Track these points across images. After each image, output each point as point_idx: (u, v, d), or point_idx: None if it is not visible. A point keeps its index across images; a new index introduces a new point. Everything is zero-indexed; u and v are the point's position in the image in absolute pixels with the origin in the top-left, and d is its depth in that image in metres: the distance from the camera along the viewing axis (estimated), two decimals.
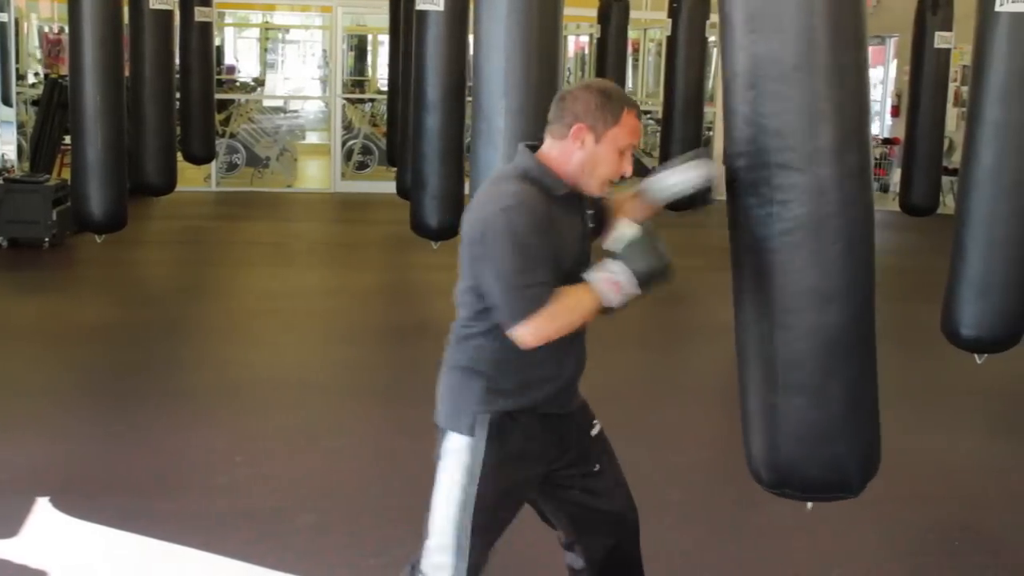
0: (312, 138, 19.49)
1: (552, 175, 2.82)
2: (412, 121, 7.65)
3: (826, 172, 3.04)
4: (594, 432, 3.11)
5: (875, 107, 17.89)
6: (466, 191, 5.85)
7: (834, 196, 3.05)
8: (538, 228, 2.71)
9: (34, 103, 13.30)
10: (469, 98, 6.78)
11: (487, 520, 2.89)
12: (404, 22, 9.63)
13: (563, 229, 2.80)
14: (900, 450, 5.72)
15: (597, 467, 3.08)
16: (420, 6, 7.11)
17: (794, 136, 3.04)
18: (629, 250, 2.78)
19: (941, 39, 10.15)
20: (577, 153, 2.80)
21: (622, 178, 2.89)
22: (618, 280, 2.75)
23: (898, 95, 15.85)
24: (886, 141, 16.20)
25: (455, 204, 7.30)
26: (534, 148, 2.90)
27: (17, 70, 13.43)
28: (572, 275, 2.79)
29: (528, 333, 2.72)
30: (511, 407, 2.87)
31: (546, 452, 2.96)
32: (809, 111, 3.04)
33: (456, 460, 2.88)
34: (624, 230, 2.81)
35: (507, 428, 2.87)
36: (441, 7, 6.94)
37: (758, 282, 3.14)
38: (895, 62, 16.66)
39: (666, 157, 10.35)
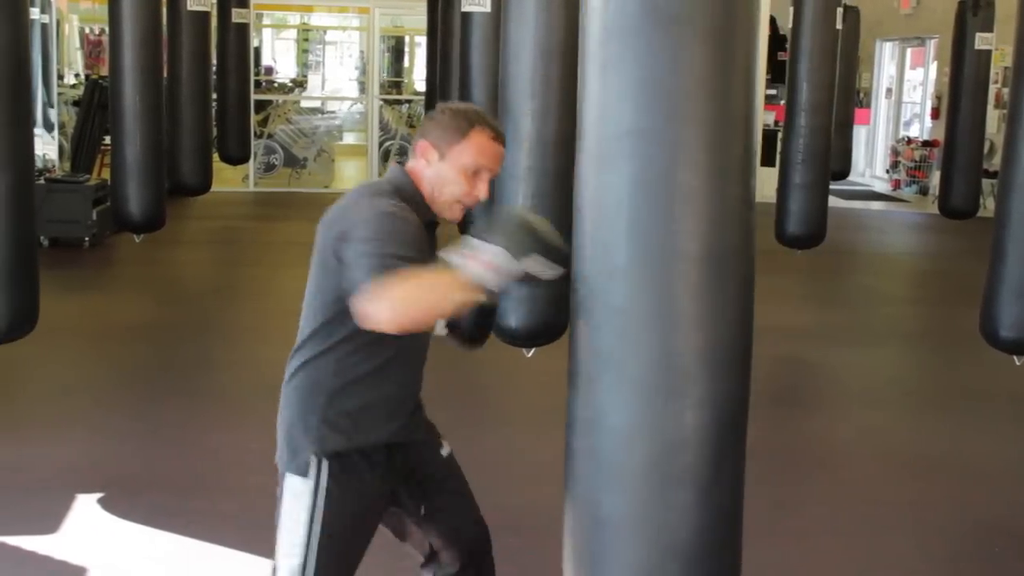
0: (349, 139, 19.55)
1: (420, 197, 2.70)
2: None
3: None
4: (444, 452, 3.02)
5: (915, 109, 17.76)
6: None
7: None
8: (413, 234, 2.57)
9: (75, 104, 13.42)
10: None
11: (335, 559, 2.77)
12: (442, 23, 9.64)
13: (427, 258, 2.53)
14: (939, 454, 5.69)
15: (443, 493, 2.98)
16: (466, 8, 7.11)
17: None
18: (495, 227, 2.48)
19: (982, 40, 10.06)
20: (426, 171, 2.70)
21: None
22: (485, 257, 2.42)
23: (938, 97, 15.72)
24: (926, 143, 16.08)
25: None
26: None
27: (58, 71, 13.57)
28: None
29: (384, 304, 2.35)
30: (354, 445, 2.73)
31: (392, 482, 2.84)
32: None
33: (298, 503, 2.76)
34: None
35: (351, 467, 2.73)
36: (488, 8, 6.94)
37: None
38: (935, 64, 16.53)
39: None
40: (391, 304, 2.35)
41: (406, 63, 23.40)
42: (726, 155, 2.28)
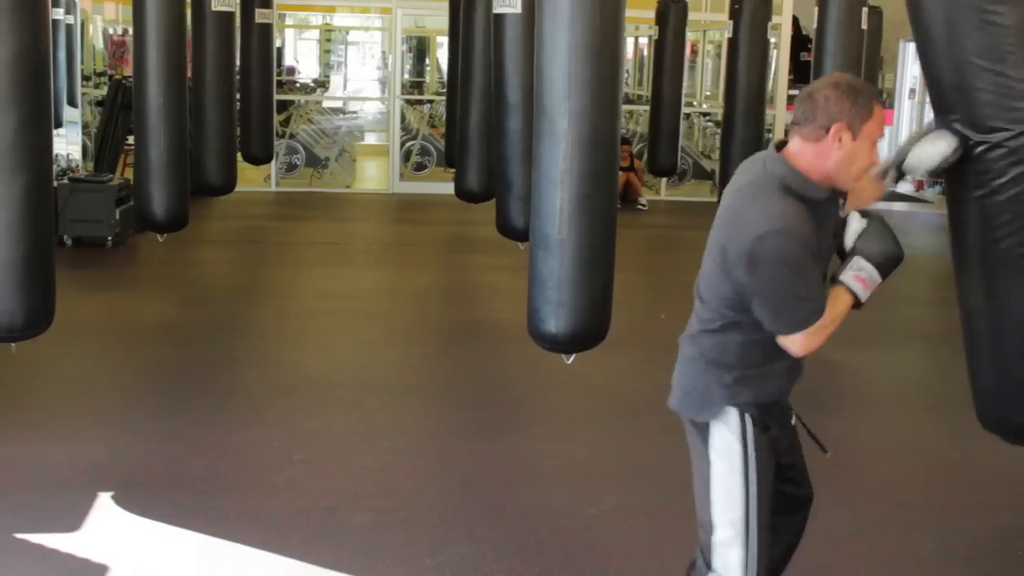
0: (371, 139, 19.58)
1: (811, 183, 2.89)
2: (493, 123, 7.69)
3: None
4: (793, 421, 3.26)
5: None
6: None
7: None
8: (807, 249, 2.81)
9: (98, 104, 13.48)
10: None
11: (765, 504, 3.04)
12: (464, 24, 9.64)
13: (820, 235, 2.90)
14: (961, 456, 5.65)
15: (794, 453, 3.27)
16: (497, 9, 7.13)
17: None
18: (864, 242, 2.93)
19: None
20: (835, 152, 2.86)
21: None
22: (865, 277, 2.93)
23: None
24: None
25: None
26: (780, 146, 2.97)
27: (82, 71, 13.63)
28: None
29: (801, 345, 2.90)
30: (763, 399, 3.04)
31: (784, 441, 3.15)
32: None
33: (728, 452, 3.02)
34: (853, 224, 2.98)
35: (768, 417, 3.05)
36: (519, 10, 6.95)
37: None
38: None
39: (726, 159, 10.30)
40: (807, 344, 2.90)
41: (428, 63, 23.44)
42: None
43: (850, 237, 2.98)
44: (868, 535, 4.60)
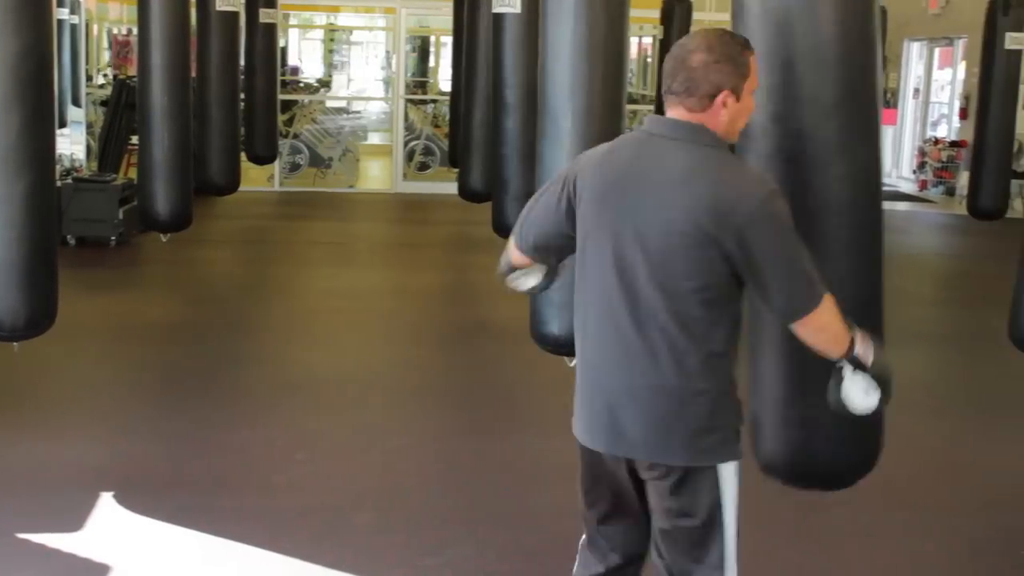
0: (374, 139, 19.56)
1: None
2: (491, 123, 7.70)
3: None
4: None
5: (943, 109, 17.65)
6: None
7: None
8: None
9: (102, 103, 13.49)
10: None
11: None
12: (467, 24, 9.64)
13: None
14: (965, 456, 5.64)
15: None
16: (497, 9, 7.13)
17: None
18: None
19: (1012, 40, 9.99)
20: (723, 115, 2.72)
21: None
22: (872, 344, 2.81)
23: (966, 97, 15.61)
24: (953, 144, 15.98)
25: None
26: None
27: (86, 71, 13.65)
28: None
29: (831, 317, 2.73)
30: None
31: None
32: None
33: (733, 486, 2.98)
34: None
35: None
36: (518, 9, 6.95)
37: None
38: (964, 64, 16.42)
39: None
40: (834, 319, 2.80)
41: (432, 63, 23.42)
42: None
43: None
44: (871, 535, 4.59)
